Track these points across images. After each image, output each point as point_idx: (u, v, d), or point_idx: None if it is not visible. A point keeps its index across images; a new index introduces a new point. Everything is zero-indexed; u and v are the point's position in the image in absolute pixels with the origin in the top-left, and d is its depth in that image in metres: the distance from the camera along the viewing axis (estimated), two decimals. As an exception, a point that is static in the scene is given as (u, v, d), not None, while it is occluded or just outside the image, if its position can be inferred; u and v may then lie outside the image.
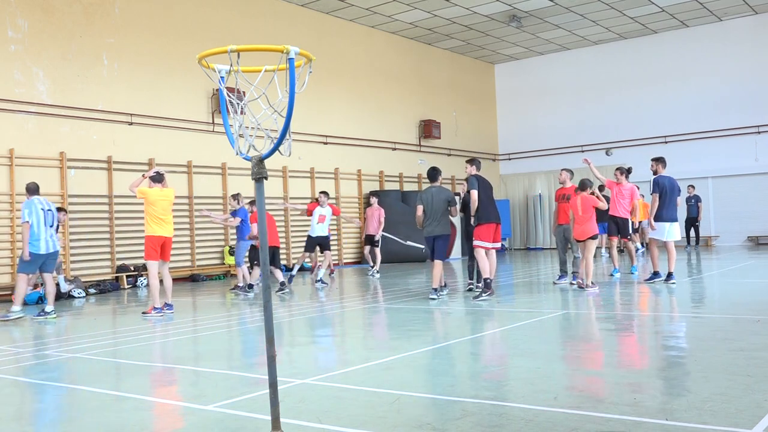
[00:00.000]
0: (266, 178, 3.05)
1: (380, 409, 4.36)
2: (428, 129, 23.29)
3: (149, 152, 15.55)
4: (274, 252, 12.85)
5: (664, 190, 11.14)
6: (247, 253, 12.95)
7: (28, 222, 9.95)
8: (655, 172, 11.46)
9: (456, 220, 21.50)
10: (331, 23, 20.00)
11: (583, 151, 25.05)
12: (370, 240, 16.14)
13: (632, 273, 13.17)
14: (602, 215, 12.20)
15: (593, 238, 10.75)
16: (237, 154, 3.05)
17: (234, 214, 13.03)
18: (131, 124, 15.31)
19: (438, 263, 10.58)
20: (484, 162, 26.27)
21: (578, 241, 11.02)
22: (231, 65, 2.93)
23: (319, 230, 13.59)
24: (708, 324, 7.62)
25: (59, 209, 11.52)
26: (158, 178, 10.11)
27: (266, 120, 3.09)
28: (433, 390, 4.89)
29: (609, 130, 24.55)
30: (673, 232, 11.21)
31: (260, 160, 2.99)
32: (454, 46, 24.33)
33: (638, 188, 14.04)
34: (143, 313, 10.05)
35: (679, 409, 4.03)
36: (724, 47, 22.49)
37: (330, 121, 19.82)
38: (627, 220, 12.92)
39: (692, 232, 19.81)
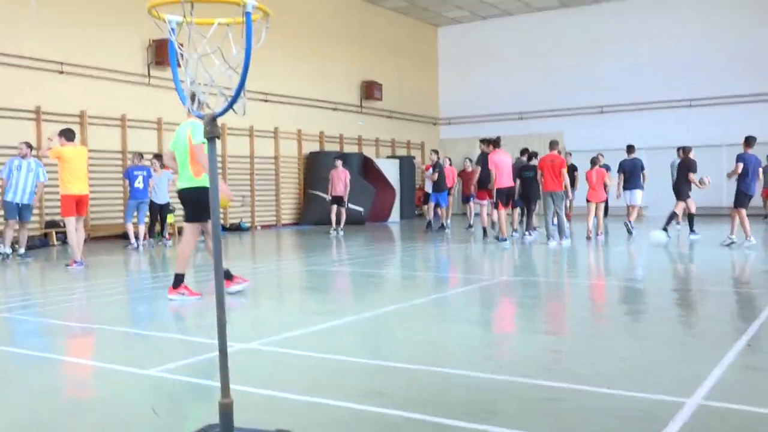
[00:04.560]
0: (218, 137, 2.92)
1: (326, 375, 4.32)
2: (370, 90, 23.08)
3: (81, 104, 14.92)
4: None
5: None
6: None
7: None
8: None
9: (396, 184, 21.53)
10: (273, -23, 19.45)
11: (521, 119, 25.30)
12: (337, 201, 16.60)
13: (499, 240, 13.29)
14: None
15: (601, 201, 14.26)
16: (189, 111, 2.90)
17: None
18: (62, 73, 14.62)
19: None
20: (424, 125, 26.31)
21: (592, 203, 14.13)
22: (184, 16, 2.76)
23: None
24: (638, 294, 7.83)
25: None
26: (71, 136, 10.41)
27: (219, 77, 2.94)
28: (379, 356, 4.87)
29: (549, 99, 24.83)
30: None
31: (213, 119, 2.84)
32: (398, 6, 24.05)
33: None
34: (66, 265, 10.11)
35: (619, 378, 4.12)
36: (662, 18, 22.90)
37: (270, 78, 19.35)
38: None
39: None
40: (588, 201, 14.26)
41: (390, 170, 21.73)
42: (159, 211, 14.08)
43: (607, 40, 23.80)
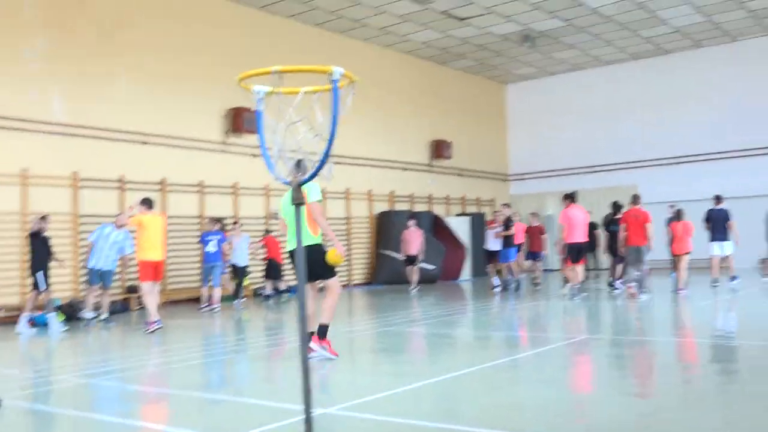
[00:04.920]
0: (303, 204, 2.93)
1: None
2: (439, 149, 23.18)
3: (162, 172, 15.49)
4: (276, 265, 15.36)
5: None
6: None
7: None
8: None
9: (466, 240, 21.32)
10: (344, 43, 20.00)
11: (594, 172, 24.90)
12: (411, 260, 17.23)
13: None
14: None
15: (686, 253, 13.95)
16: (276, 179, 2.93)
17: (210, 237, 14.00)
18: (144, 143, 15.26)
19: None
20: (494, 182, 26.19)
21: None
22: (274, 86, 2.83)
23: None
24: (733, 352, 7.42)
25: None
26: (150, 205, 11.01)
27: (306, 143, 2.99)
28: (461, 420, 4.72)
29: (620, 152, 24.38)
30: None
31: (299, 185, 2.87)
32: (466, 66, 24.29)
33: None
34: (145, 330, 10.34)
35: (721, 446, 3.86)
36: (737, 67, 22.37)
37: (341, 140, 19.51)
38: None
39: None
40: (673, 254, 14.12)
41: (461, 228, 21.59)
42: (237, 274, 14.50)
43: (678, 91, 23.32)
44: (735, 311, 11.21)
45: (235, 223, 15.09)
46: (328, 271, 7.29)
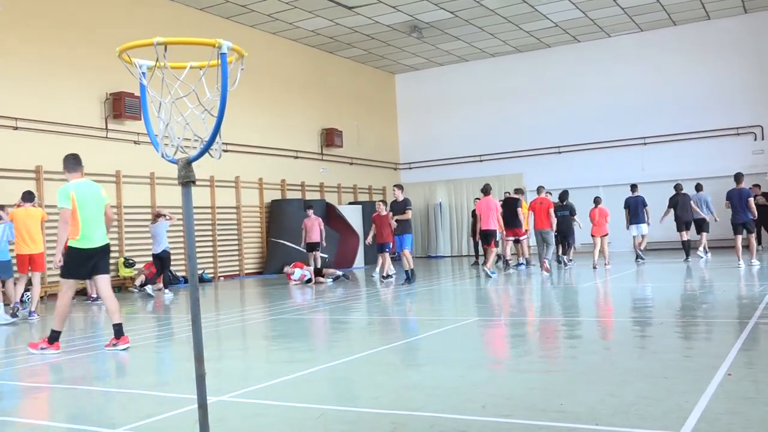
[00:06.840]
0: (194, 183, 2.83)
1: (306, 426, 4.17)
2: (330, 137, 23.14)
3: (37, 159, 14.62)
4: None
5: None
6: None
7: None
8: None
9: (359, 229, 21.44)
10: (231, 28, 19.54)
11: (481, 161, 25.60)
12: (313, 247, 17.37)
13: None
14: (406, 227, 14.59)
15: (604, 235, 16.09)
16: (162, 156, 2.81)
17: None
18: (16, 128, 14.34)
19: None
20: (385, 170, 26.44)
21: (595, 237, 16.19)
22: (157, 59, 2.71)
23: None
24: (618, 328, 7.84)
25: None
26: (29, 198, 10.82)
27: (193, 121, 2.87)
28: (359, 403, 4.74)
29: (505, 141, 25.20)
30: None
31: (188, 163, 2.76)
32: (355, 55, 24.33)
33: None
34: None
35: (607, 414, 4.06)
36: (612, 62, 23.58)
37: (230, 128, 19.26)
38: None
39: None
40: (592, 236, 16.19)
41: (353, 216, 21.68)
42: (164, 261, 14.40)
43: (560, 83, 24.33)
44: (642, 289, 11.85)
45: (158, 215, 14.67)
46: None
